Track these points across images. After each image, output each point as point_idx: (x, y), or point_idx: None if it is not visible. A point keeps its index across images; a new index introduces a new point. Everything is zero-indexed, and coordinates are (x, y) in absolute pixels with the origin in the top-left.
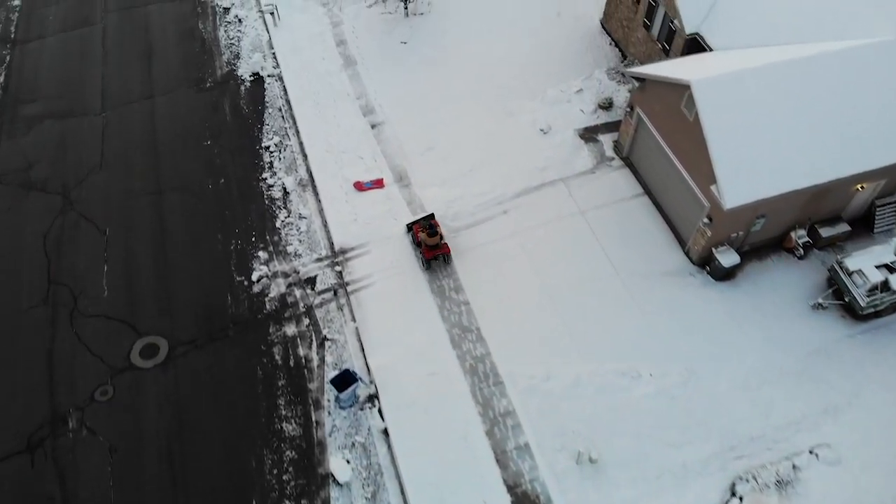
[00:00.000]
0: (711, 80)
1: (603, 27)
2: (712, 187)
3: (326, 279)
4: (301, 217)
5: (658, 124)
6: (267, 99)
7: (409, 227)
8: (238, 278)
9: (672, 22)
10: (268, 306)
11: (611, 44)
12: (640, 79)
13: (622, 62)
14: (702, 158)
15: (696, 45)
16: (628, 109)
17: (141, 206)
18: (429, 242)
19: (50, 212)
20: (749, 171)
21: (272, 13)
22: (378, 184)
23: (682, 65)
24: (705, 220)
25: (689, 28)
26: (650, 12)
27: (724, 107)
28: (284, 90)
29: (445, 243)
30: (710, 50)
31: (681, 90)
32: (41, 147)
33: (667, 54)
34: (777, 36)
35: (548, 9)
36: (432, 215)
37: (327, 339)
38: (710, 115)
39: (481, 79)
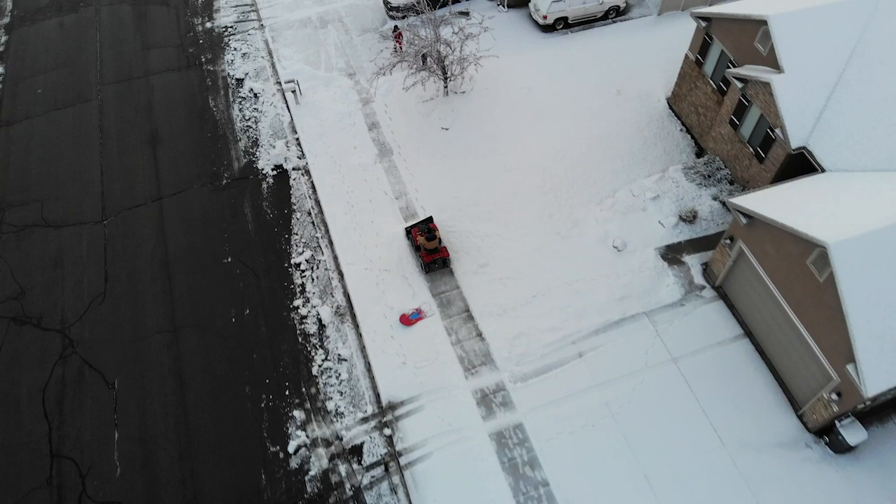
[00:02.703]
0: (855, 242)
1: (671, 107)
2: (849, 367)
3: (375, 448)
4: (341, 359)
5: (770, 269)
6: (294, 199)
7: (408, 231)
8: (272, 448)
9: (771, 130)
10: (309, 488)
11: (682, 130)
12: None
13: (697, 157)
14: (833, 328)
15: (800, 159)
16: (727, 242)
17: (153, 349)
18: (427, 247)
19: (48, 356)
20: (893, 349)
21: (294, 91)
22: (422, 312)
23: (799, 199)
24: (833, 395)
25: (795, 142)
26: (740, 110)
27: (868, 273)
28: (313, 188)
29: (444, 247)
30: (821, 170)
31: (810, 245)
32: (34, 266)
33: (760, 161)
34: None
35: (606, 85)
36: (430, 219)
37: None
38: (851, 285)
39: (536, 173)
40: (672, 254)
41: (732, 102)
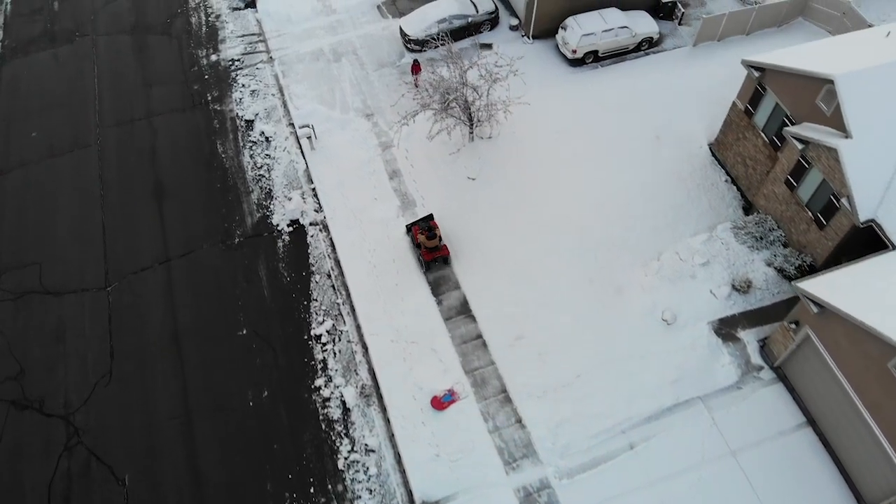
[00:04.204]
0: None
1: (714, 155)
2: None
3: None
4: (368, 450)
5: (842, 363)
6: (312, 260)
7: (409, 229)
8: None
9: (835, 197)
10: None
11: (727, 180)
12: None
13: (745, 212)
14: None
15: (866, 230)
16: (792, 326)
17: (166, 439)
18: (428, 245)
19: (52, 446)
20: None
21: (309, 137)
22: (455, 394)
23: (875, 286)
24: None
25: (863, 214)
26: (798, 171)
27: None
28: (332, 246)
29: (445, 245)
30: (892, 246)
31: (893, 349)
32: (33, 340)
33: (820, 228)
34: None
35: (643, 127)
36: (431, 216)
37: None
38: None
39: (572, 230)
40: (726, 328)
41: (789, 162)
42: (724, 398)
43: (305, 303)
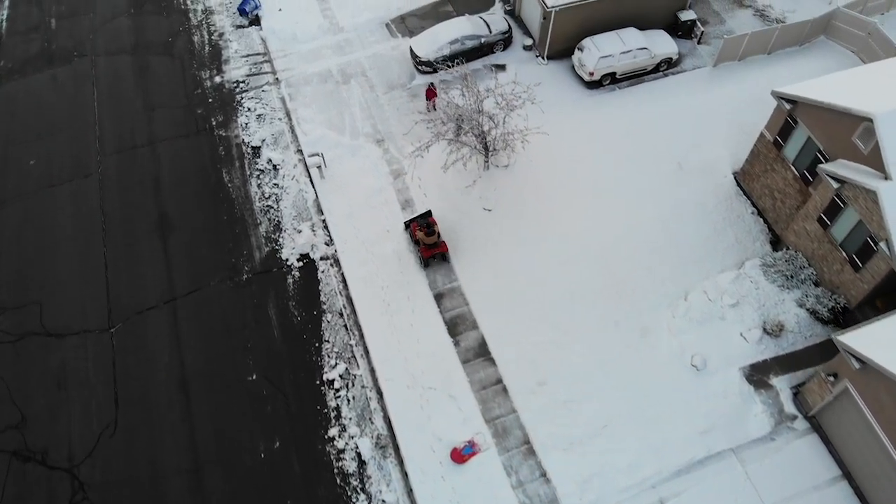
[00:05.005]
0: None
1: (738, 184)
2: None
3: None
4: None
5: (884, 421)
6: (323, 297)
7: (407, 225)
8: None
9: (873, 241)
10: None
11: (753, 212)
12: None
13: (772, 246)
14: None
15: None
16: (830, 378)
17: (174, 494)
18: (426, 241)
19: (56, 502)
20: None
21: (319, 167)
22: (476, 446)
23: None
24: None
25: None
26: (832, 209)
27: None
28: (344, 282)
29: (443, 242)
30: None
31: None
32: (35, 386)
33: (855, 269)
34: None
35: (664, 155)
36: (429, 213)
37: None
38: None
39: (595, 267)
40: (758, 375)
41: (823, 199)
42: (756, 450)
43: (317, 344)
